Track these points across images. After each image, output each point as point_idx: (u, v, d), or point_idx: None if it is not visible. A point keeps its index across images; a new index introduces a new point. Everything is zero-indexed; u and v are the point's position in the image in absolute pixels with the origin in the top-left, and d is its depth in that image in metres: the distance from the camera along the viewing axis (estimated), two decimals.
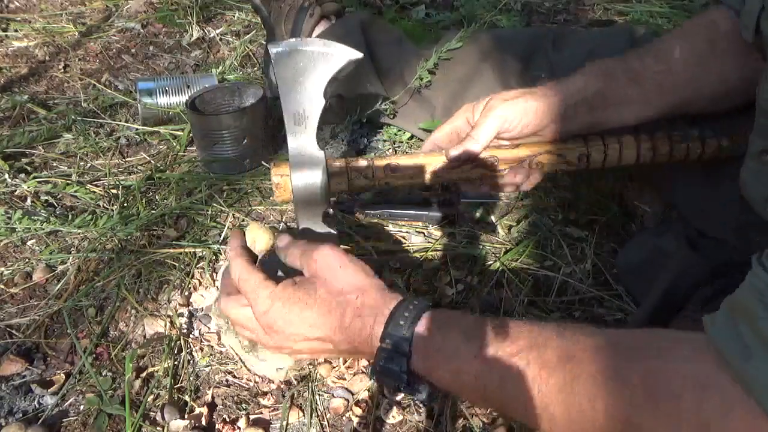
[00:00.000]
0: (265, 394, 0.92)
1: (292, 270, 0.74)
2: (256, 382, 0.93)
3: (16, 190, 1.28)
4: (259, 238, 0.84)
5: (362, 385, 0.91)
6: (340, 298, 0.68)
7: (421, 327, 0.64)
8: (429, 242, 1.14)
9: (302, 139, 0.77)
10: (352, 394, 0.90)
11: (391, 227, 1.18)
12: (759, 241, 0.90)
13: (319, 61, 0.75)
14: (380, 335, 0.65)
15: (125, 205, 1.24)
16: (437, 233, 1.17)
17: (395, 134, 1.42)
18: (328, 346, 0.70)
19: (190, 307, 1.04)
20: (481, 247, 1.12)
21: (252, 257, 0.77)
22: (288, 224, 1.19)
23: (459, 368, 0.61)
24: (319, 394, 0.90)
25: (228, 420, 0.88)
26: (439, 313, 0.65)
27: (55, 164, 1.39)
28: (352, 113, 1.38)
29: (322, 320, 0.68)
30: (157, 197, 1.27)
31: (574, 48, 1.15)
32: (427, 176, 0.90)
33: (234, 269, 0.74)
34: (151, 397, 0.90)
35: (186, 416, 0.88)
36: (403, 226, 1.17)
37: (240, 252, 0.77)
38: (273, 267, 0.79)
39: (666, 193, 1.08)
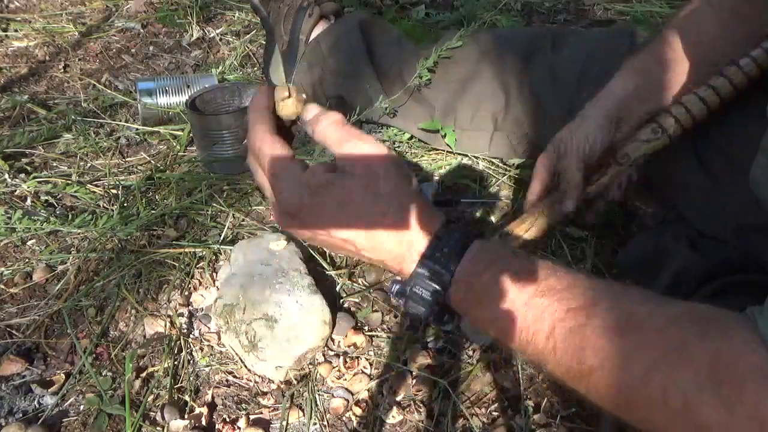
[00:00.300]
0: (265, 394, 0.92)
1: None
2: (256, 382, 0.93)
3: (16, 190, 1.28)
4: (286, 105, 0.65)
5: (362, 385, 0.91)
6: (378, 204, 0.59)
7: (466, 259, 0.57)
8: None
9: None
10: (352, 394, 0.90)
11: None
12: (760, 242, 0.90)
13: None
14: (418, 258, 0.58)
15: (125, 205, 1.24)
16: None
17: (395, 134, 1.42)
18: (350, 248, 0.61)
19: (190, 307, 1.04)
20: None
21: (276, 125, 0.64)
22: None
23: (504, 313, 0.56)
24: (319, 394, 0.90)
25: (228, 420, 0.88)
26: (488, 246, 0.59)
27: (55, 164, 1.39)
28: (351, 113, 1.38)
29: (352, 222, 0.59)
30: (157, 197, 1.27)
31: (574, 48, 1.15)
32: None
33: (254, 138, 0.62)
34: (151, 397, 0.90)
35: (186, 416, 0.88)
36: None
37: (263, 117, 0.63)
38: None
39: (666, 193, 1.08)
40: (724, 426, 0.44)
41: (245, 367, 0.94)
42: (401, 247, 0.59)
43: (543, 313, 0.54)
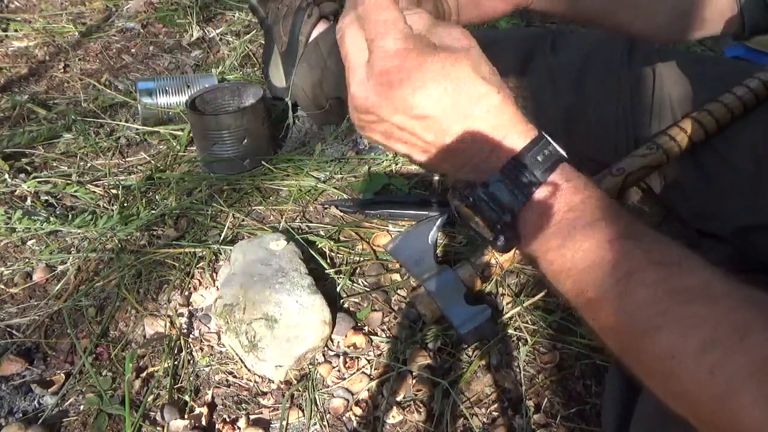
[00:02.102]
0: (265, 394, 0.92)
1: None
2: (256, 382, 0.93)
3: (16, 190, 1.28)
4: None
5: (362, 385, 0.91)
6: (481, 82, 0.53)
7: (561, 175, 0.52)
8: None
9: None
10: (352, 394, 0.90)
11: (391, 227, 1.18)
12: (759, 242, 0.90)
13: None
14: (511, 154, 0.52)
15: (125, 205, 1.24)
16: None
17: None
18: (428, 135, 0.54)
19: (190, 307, 1.04)
20: (481, 247, 1.12)
21: None
22: (289, 225, 1.19)
23: (579, 244, 0.50)
24: (319, 394, 0.90)
25: (228, 420, 0.88)
26: (579, 174, 0.54)
27: (55, 164, 1.39)
28: None
29: (449, 98, 0.53)
30: (157, 197, 1.27)
31: (574, 49, 1.15)
32: None
33: None
34: (151, 397, 0.90)
35: (186, 416, 0.88)
36: (403, 226, 1.17)
37: None
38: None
39: (664, 195, 1.08)
40: (758, 422, 0.41)
41: (245, 367, 0.94)
42: (494, 134, 0.53)
43: (623, 257, 0.49)
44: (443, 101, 0.53)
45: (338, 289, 1.05)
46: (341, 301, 1.04)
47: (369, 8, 0.54)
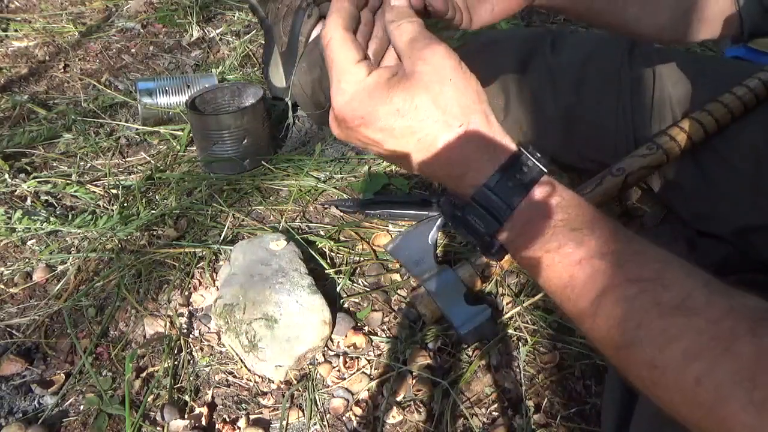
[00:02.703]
0: (265, 394, 0.92)
1: None
2: (256, 382, 0.93)
3: (16, 190, 1.28)
4: None
5: (362, 385, 0.91)
6: (443, 115, 0.54)
7: (529, 199, 0.53)
8: None
9: None
10: (352, 394, 0.90)
11: (391, 227, 1.18)
12: (759, 242, 0.90)
13: None
14: (478, 185, 0.54)
15: (125, 205, 1.24)
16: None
17: None
18: (402, 162, 0.57)
19: (190, 307, 1.04)
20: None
21: (355, 20, 0.60)
22: (289, 225, 1.19)
23: (554, 265, 0.52)
24: (319, 394, 0.90)
25: (228, 420, 0.88)
26: (556, 190, 0.55)
27: (55, 164, 1.39)
28: None
29: (411, 134, 0.54)
30: (157, 197, 1.27)
31: (574, 49, 1.15)
32: None
33: (327, 30, 0.58)
34: (151, 397, 0.90)
35: (186, 416, 0.88)
36: (403, 226, 1.17)
37: (345, 9, 0.59)
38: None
39: (663, 195, 1.08)
40: (749, 428, 0.42)
41: (245, 367, 0.94)
42: (460, 167, 0.54)
43: (597, 275, 0.50)
44: (403, 138, 0.55)
45: (338, 289, 1.05)
46: (341, 301, 1.04)
47: (329, 47, 0.57)
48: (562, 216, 0.53)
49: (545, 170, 0.54)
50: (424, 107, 0.54)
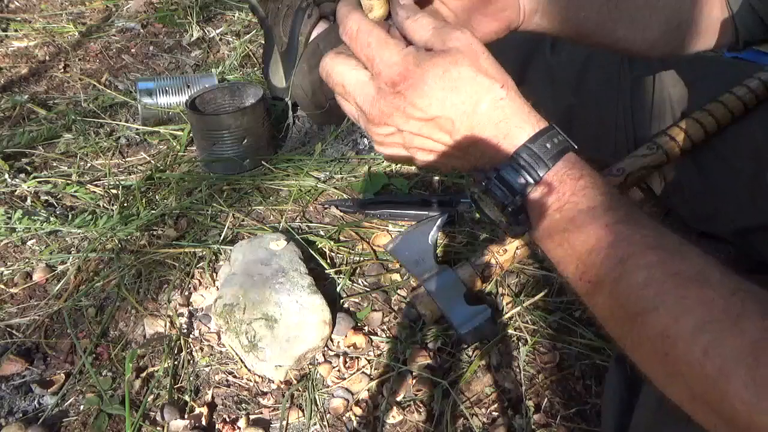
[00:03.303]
0: (265, 394, 0.92)
1: None
2: (256, 382, 0.93)
3: (16, 190, 1.28)
4: (374, 9, 0.62)
5: (362, 385, 0.91)
6: (485, 78, 0.56)
7: (560, 164, 0.55)
8: None
9: None
10: (352, 394, 0.90)
11: (391, 227, 1.18)
12: (759, 242, 0.91)
13: None
14: (520, 144, 0.55)
15: (125, 205, 1.24)
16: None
17: None
18: (443, 137, 0.58)
19: (190, 307, 1.04)
20: (481, 247, 1.12)
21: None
22: (289, 225, 1.19)
23: (580, 228, 0.53)
24: (319, 394, 0.90)
25: (228, 420, 0.88)
26: (584, 162, 0.57)
27: (55, 164, 1.39)
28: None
29: (457, 96, 0.56)
30: (157, 197, 1.27)
31: (573, 50, 1.15)
32: None
33: (350, 24, 0.58)
34: (151, 397, 0.90)
35: (186, 416, 0.88)
36: (403, 226, 1.17)
37: (356, 7, 0.60)
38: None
39: (662, 195, 1.08)
40: (748, 405, 0.42)
41: (245, 367, 0.94)
42: (503, 127, 0.56)
43: (622, 241, 0.51)
44: (448, 101, 0.56)
45: (338, 289, 1.05)
46: (341, 301, 1.04)
47: (358, 32, 0.58)
48: (593, 181, 0.54)
49: (575, 146, 0.56)
50: (468, 72, 0.55)
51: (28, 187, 1.27)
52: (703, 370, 0.45)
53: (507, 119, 0.56)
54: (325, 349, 0.96)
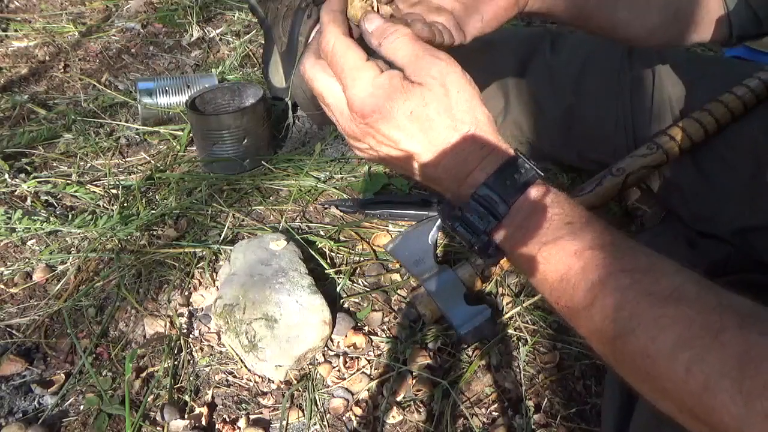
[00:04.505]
0: (265, 394, 0.92)
1: None
2: (256, 382, 0.93)
3: (16, 190, 1.28)
4: (353, 5, 0.62)
5: (362, 385, 0.91)
6: (452, 121, 0.57)
7: (525, 197, 0.56)
8: None
9: None
10: (352, 394, 0.90)
11: (391, 227, 1.18)
12: (758, 242, 0.90)
13: None
14: (478, 185, 0.57)
15: (125, 205, 1.24)
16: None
17: None
18: (412, 165, 0.60)
19: (190, 307, 1.04)
20: None
21: (350, 30, 0.62)
22: (289, 225, 1.19)
23: (549, 258, 0.54)
24: (319, 394, 0.90)
25: (228, 420, 0.88)
26: (550, 190, 0.58)
27: (55, 164, 1.39)
28: None
29: (423, 135, 0.57)
30: (157, 197, 1.27)
31: (573, 50, 1.15)
32: None
33: (327, 38, 0.59)
34: (151, 397, 0.90)
35: (186, 416, 0.88)
36: (403, 226, 1.17)
37: (337, 19, 0.60)
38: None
39: (662, 195, 1.08)
40: (736, 417, 0.43)
41: (245, 367, 0.94)
42: (464, 167, 0.58)
43: (592, 266, 0.52)
44: (415, 138, 0.58)
45: (338, 289, 1.05)
46: (341, 301, 1.04)
47: (332, 53, 0.59)
48: (558, 211, 0.55)
49: (541, 173, 0.57)
50: (435, 113, 0.57)
51: (28, 187, 1.27)
52: (687, 386, 0.45)
53: (467, 161, 0.58)
54: (325, 349, 0.96)
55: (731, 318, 0.46)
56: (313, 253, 1.10)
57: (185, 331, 1.00)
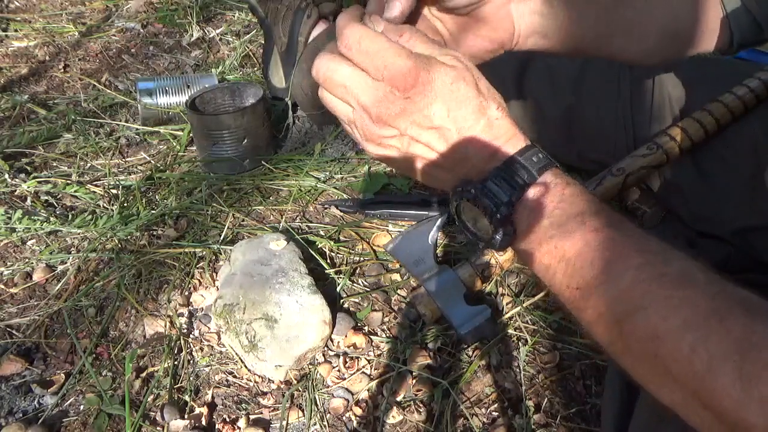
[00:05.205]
0: (265, 394, 0.92)
1: None
2: (256, 382, 0.93)
3: (16, 190, 1.28)
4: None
5: (362, 385, 0.91)
6: (482, 99, 0.58)
7: (550, 173, 0.57)
8: None
9: None
10: (352, 394, 0.90)
11: (391, 227, 1.18)
12: (758, 242, 0.90)
13: None
14: (506, 158, 0.57)
15: (125, 205, 1.24)
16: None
17: None
18: (437, 148, 0.59)
19: (190, 307, 1.04)
20: (480, 247, 1.12)
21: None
22: (289, 225, 1.19)
23: (563, 235, 0.55)
24: (319, 394, 0.90)
25: (228, 420, 0.88)
26: (565, 176, 0.58)
27: (55, 164, 1.39)
28: None
29: (458, 110, 0.58)
30: (157, 197, 1.27)
31: None
32: None
33: (351, 32, 0.58)
34: (151, 397, 0.90)
35: (186, 416, 0.88)
36: (403, 226, 1.17)
37: (356, 17, 0.61)
38: None
39: (662, 195, 1.08)
40: (736, 401, 0.43)
41: (245, 367, 0.94)
42: (491, 146, 0.58)
43: (609, 244, 0.53)
44: (453, 113, 0.58)
45: (338, 289, 1.05)
46: (341, 301, 1.04)
47: (360, 42, 0.58)
48: (578, 190, 0.56)
49: (555, 162, 0.58)
50: (466, 90, 0.58)
51: (28, 187, 1.27)
52: (692, 366, 0.46)
53: (499, 137, 0.58)
54: (325, 349, 0.96)
55: (737, 305, 0.47)
56: (313, 253, 1.10)
57: (185, 331, 1.00)
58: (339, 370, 0.94)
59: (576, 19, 0.75)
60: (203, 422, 0.87)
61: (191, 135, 1.40)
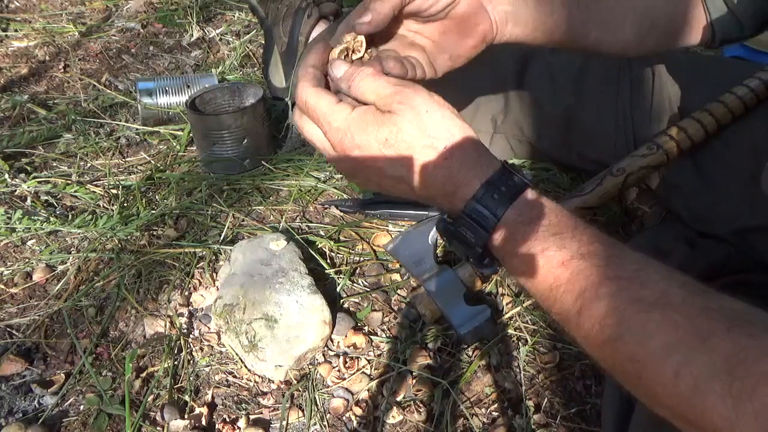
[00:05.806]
0: (265, 394, 0.92)
1: None
2: (256, 382, 0.93)
3: (16, 190, 1.28)
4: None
5: (362, 385, 0.91)
6: (428, 139, 0.60)
7: (514, 208, 0.58)
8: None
9: None
10: (352, 394, 0.90)
11: (391, 227, 1.18)
12: (758, 242, 0.90)
13: None
14: (467, 200, 0.59)
15: (125, 205, 1.24)
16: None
17: None
18: (404, 186, 0.63)
19: (190, 307, 1.04)
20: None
21: (322, 81, 0.66)
22: (289, 225, 1.19)
23: (539, 268, 0.56)
24: (319, 394, 0.91)
25: (228, 420, 0.88)
26: (539, 200, 0.59)
27: (55, 164, 1.39)
28: None
29: (404, 159, 0.60)
30: (157, 197, 1.27)
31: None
32: None
33: (300, 93, 0.64)
34: (151, 397, 0.90)
35: (186, 416, 0.88)
36: (403, 226, 1.17)
37: (308, 72, 0.65)
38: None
39: (661, 194, 1.08)
40: (726, 419, 0.43)
41: (245, 367, 0.94)
42: (451, 184, 0.60)
43: (579, 275, 0.54)
44: (399, 162, 0.61)
45: (338, 289, 1.05)
46: (341, 301, 1.04)
47: (306, 105, 0.63)
48: (545, 222, 0.57)
49: (528, 183, 0.59)
50: (409, 135, 0.60)
51: (28, 187, 1.27)
52: (677, 389, 0.46)
53: (452, 177, 0.60)
54: (325, 349, 0.96)
55: (719, 321, 0.47)
56: (313, 253, 1.10)
57: (185, 331, 1.00)
58: (339, 370, 0.94)
59: (547, 6, 0.76)
60: (203, 422, 0.87)
61: (191, 135, 1.40)
